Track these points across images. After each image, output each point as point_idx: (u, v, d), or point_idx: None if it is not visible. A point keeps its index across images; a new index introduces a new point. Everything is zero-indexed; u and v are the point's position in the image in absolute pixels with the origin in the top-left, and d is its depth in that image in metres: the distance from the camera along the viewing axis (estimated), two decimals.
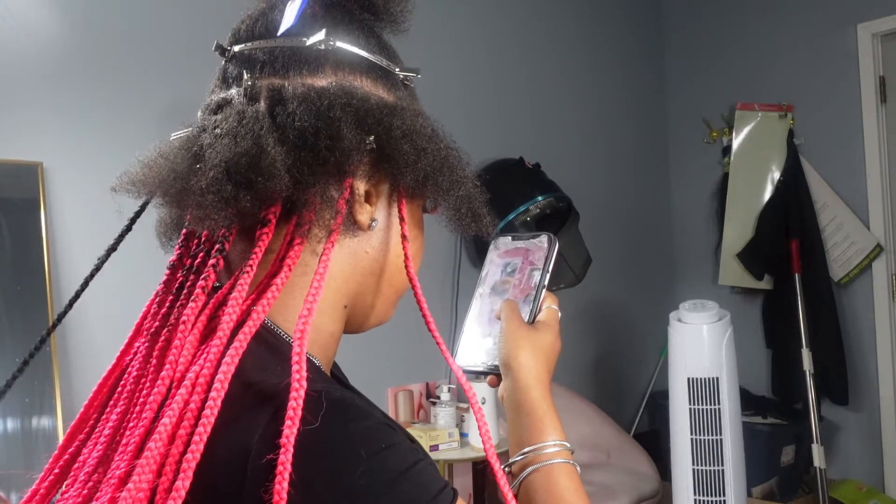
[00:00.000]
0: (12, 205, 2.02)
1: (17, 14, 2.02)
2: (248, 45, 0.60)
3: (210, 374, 0.48)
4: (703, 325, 2.37)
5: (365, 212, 0.59)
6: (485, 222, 0.65)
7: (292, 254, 0.55)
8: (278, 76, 0.58)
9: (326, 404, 0.47)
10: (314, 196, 0.55)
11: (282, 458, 0.44)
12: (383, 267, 0.62)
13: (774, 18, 3.44)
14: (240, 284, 0.53)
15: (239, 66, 0.59)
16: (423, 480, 0.49)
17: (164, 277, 0.60)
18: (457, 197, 0.62)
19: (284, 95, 0.56)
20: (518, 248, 0.79)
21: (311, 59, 0.58)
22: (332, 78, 0.58)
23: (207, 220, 0.53)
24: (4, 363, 1.95)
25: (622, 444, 2.88)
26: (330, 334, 0.61)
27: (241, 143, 0.53)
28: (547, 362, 0.70)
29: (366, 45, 0.61)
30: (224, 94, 0.59)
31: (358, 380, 0.76)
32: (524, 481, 0.65)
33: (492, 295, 0.77)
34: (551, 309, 0.75)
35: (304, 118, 0.54)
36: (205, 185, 0.52)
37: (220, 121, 0.56)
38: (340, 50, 0.59)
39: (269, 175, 0.52)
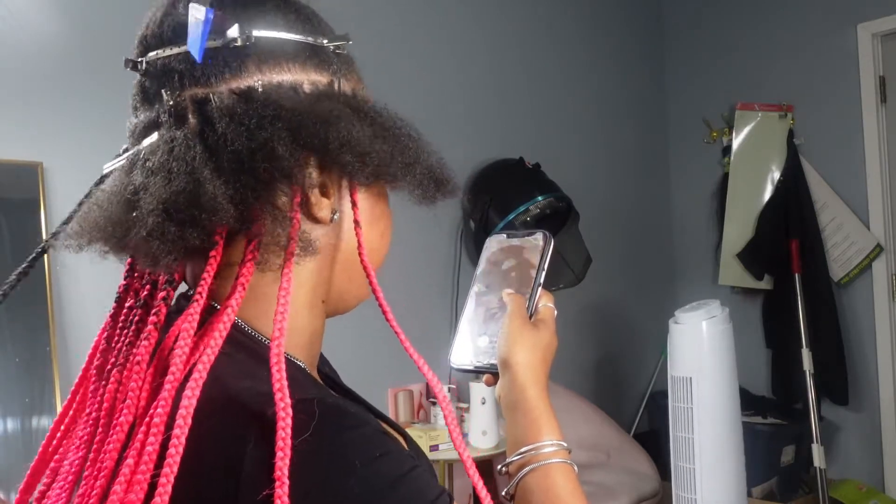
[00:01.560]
0: (12, 205, 2.02)
1: (17, 14, 2.02)
2: (160, 52, 0.55)
3: (166, 412, 0.47)
4: (695, 322, 2.37)
5: (324, 207, 0.57)
6: (449, 186, 0.62)
7: (244, 272, 0.52)
8: (200, 85, 0.53)
9: (319, 413, 0.47)
10: (262, 213, 0.52)
11: (278, 493, 0.43)
12: (349, 253, 0.60)
13: (774, 19, 3.43)
14: (190, 315, 0.51)
15: (156, 81, 0.55)
16: (419, 486, 0.48)
17: (112, 310, 0.58)
18: (415, 175, 0.59)
19: (211, 113, 0.52)
20: (514, 245, 0.78)
21: (230, 58, 0.54)
22: (258, 76, 0.54)
23: (157, 264, 0.51)
24: (4, 363, 1.95)
25: (622, 444, 2.88)
26: (311, 332, 0.60)
27: (175, 181, 0.50)
28: (544, 361, 0.70)
29: (285, 24, 0.56)
30: (147, 113, 0.56)
31: (358, 380, 0.76)
32: (521, 481, 0.64)
33: (487, 294, 0.77)
34: (547, 307, 0.74)
35: (236, 140, 0.51)
36: (146, 232, 0.50)
37: (149, 153, 0.53)
38: (260, 40, 0.54)
39: (213, 210, 0.50)
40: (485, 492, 0.54)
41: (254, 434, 0.46)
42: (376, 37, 2.74)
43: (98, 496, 0.48)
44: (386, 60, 2.72)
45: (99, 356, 0.56)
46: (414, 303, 2.71)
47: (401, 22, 2.84)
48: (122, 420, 0.49)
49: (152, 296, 0.55)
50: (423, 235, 2.81)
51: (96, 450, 0.51)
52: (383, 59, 2.71)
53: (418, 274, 2.77)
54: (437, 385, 0.57)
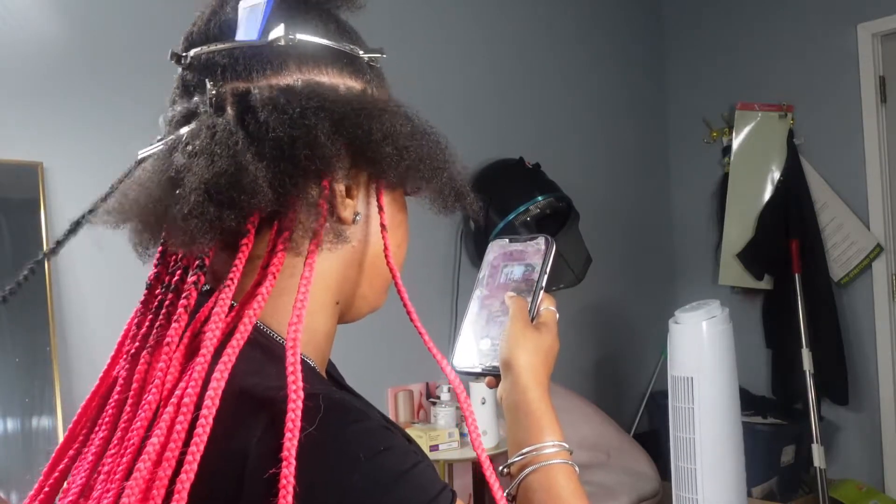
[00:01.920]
0: (12, 205, 2.02)
1: (17, 14, 2.02)
2: (205, 48, 0.57)
3: (196, 392, 0.48)
4: (696, 322, 2.37)
5: (347, 207, 0.58)
6: (468, 200, 0.64)
7: (275, 261, 0.54)
8: (241, 79, 0.56)
9: (324, 407, 0.47)
10: (295, 202, 0.53)
11: (284, 472, 0.44)
12: (371, 257, 0.62)
13: (774, 18, 3.44)
14: (221, 298, 0.52)
15: (198, 73, 0.57)
16: (422, 482, 0.49)
17: (143, 297, 0.59)
18: (439, 182, 0.61)
19: (252, 102, 0.54)
20: (516, 250, 0.79)
21: (272, 57, 0.56)
22: (297, 75, 0.56)
23: (193, 243, 0.52)
24: (4, 363, 1.95)
25: (622, 444, 2.88)
26: (324, 334, 0.61)
27: (218, 163, 0.52)
28: (546, 364, 0.70)
29: (325, 32, 0.59)
30: (187, 104, 0.57)
31: (358, 380, 0.76)
32: (523, 482, 0.64)
33: (490, 297, 0.78)
34: (549, 310, 0.74)
35: (278, 128, 0.52)
36: (187, 210, 0.51)
37: (191, 137, 0.54)
38: (302, 43, 0.57)
39: (253, 192, 0.51)
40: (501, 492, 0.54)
41: (261, 425, 0.47)
42: (376, 37, 2.73)
43: (124, 472, 0.48)
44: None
45: (129, 341, 0.57)
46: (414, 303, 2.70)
47: (400, 22, 2.84)
48: (150, 399, 0.50)
49: (183, 280, 0.56)
50: (424, 235, 2.80)
51: (123, 428, 0.51)
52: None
53: (418, 274, 2.77)
54: (460, 386, 0.58)
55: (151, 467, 0.46)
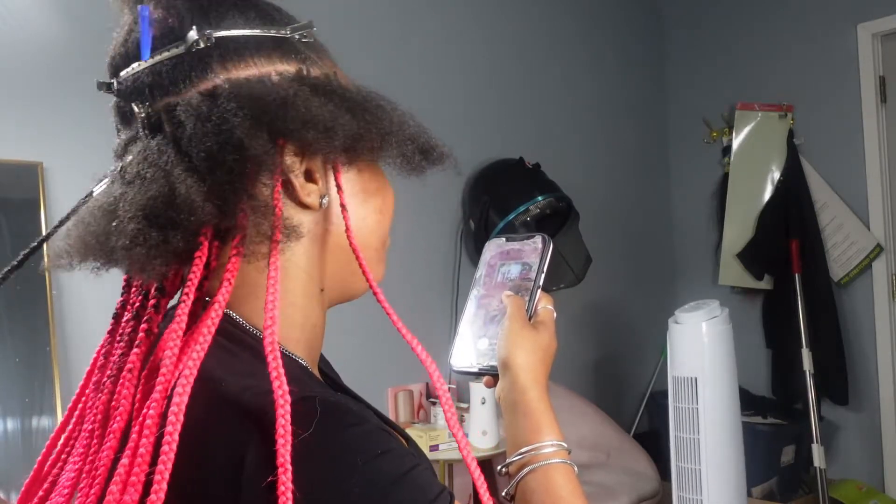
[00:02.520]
0: (12, 205, 2.02)
1: (17, 14, 2.02)
2: (128, 70, 0.56)
3: (158, 413, 0.47)
4: (700, 323, 2.37)
5: (311, 192, 0.57)
6: (436, 153, 0.61)
7: (230, 267, 0.52)
8: (170, 94, 0.54)
9: (321, 410, 0.47)
10: (243, 206, 0.52)
11: (282, 479, 0.43)
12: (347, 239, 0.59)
13: (774, 18, 3.44)
14: (178, 316, 0.51)
15: (129, 98, 0.56)
16: (420, 485, 0.48)
17: (110, 326, 0.58)
18: (395, 145, 0.58)
19: (180, 116, 0.52)
20: (513, 249, 0.79)
21: (194, 62, 0.54)
22: (223, 75, 0.54)
23: (144, 271, 0.51)
24: (4, 363, 1.95)
25: (622, 444, 2.88)
26: (311, 325, 0.60)
27: (150, 186, 0.51)
28: (544, 363, 0.70)
29: (244, 20, 0.56)
30: (129, 131, 0.56)
31: (358, 380, 0.76)
32: (521, 482, 0.64)
33: (487, 296, 0.77)
34: (547, 309, 0.74)
35: (204, 137, 0.51)
36: (128, 240, 0.50)
37: (128, 165, 0.53)
38: (222, 40, 0.54)
39: (190, 210, 0.50)
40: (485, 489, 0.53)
41: (255, 436, 0.46)
42: (376, 37, 2.74)
43: (94, 501, 0.48)
44: (385, 60, 2.72)
45: (97, 372, 0.56)
46: (414, 303, 2.71)
47: (400, 22, 2.84)
48: (115, 427, 0.49)
49: (144, 306, 0.55)
50: (423, 235, 2.81)
51: (91, 460, 0.51)
52: (383, 59, 2.71)
53: (418, 274, 2.77)
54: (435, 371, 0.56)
55: (119, 491, 0.45)
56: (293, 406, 0.47)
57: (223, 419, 0.48)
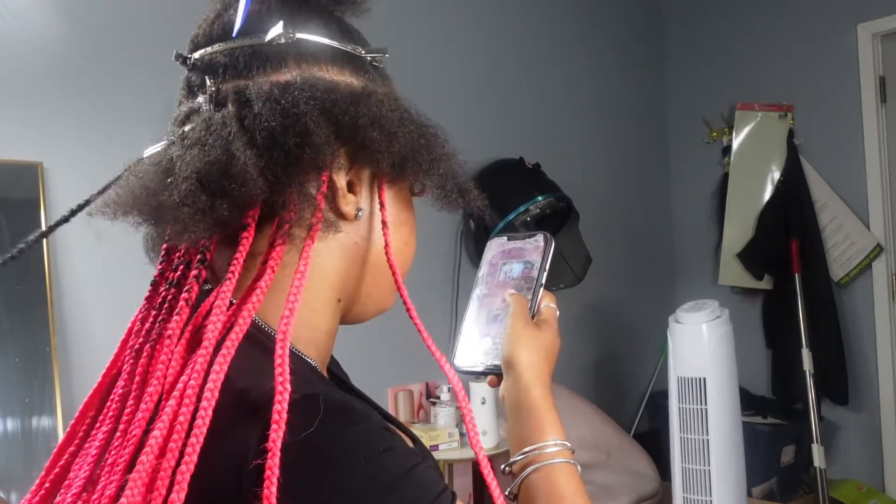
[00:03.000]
0: (12, 205, 2.02)
1: (17, 14, 2.02)
2: (208, 49, 0.58)
3: (198, 384, 0.48)
4: (702, 324, 2.37)
5: (349, 202, 0.59)
6: (472, 196, 0.65)
7: (274, 255, 0.54)
8: (242, 78, 0.57)
9: (324, 408, 0.47)
10: (292, 195, 0.54)
11: (269, 463, 0.43)
12: (375, 255, 0.62)
13: (774, 18, 3.44)
14: (222, 292, 0.52)
15: (201, 74, 0.58)
16: (423, 483, 0.49)
17: (147, 293, 0.59)
18: (439, 175, 0.61)
19: (249, 96, 0.55)
20: (515, 248, 0.79)
21: (272, 55, 0.57)
22: (297, 71, 0.57)
23: (186, 232, 0.52)
24: (5, 363, 1.95)
25: (622, 444, 2.88)
26: (325, 332, 0.61)
27: (210, 152, 0.52)
28: (548, 361, 0.70)
29: (326, 31, 0.60)
30: (191, 104, 0.58)
31: (358, 380, 0.76)
32: (525, 481, 0.64)
33: (489, 296, 0.77)
34: (550, 307, 0.74)
35: (271, 118, 0.53)
36: (178, 198, 0.51)
37: (189, 131, 0.55)
38: (302, 41, 0.58)
39: (243, 181, 0.52)
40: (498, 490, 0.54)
41: (259, 426, 0.46)
42: (376, 36, 2.73)
43: (126, 464, 0.48)
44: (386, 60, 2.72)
45: (133, 337, 0.57)
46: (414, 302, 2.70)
47: (400, 22, 2.83)
48: (151, 391, 0.50)
49: (185, 276, 0.56)
50: (424, 235, 2.80)
51: (126, 421, 0.51)
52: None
53: (418, 274, 2.76)
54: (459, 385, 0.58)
55: (154, 459, 0.46)
56: (297, 403, 0.47)
57: (230, 415, 0.48)
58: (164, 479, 0.45)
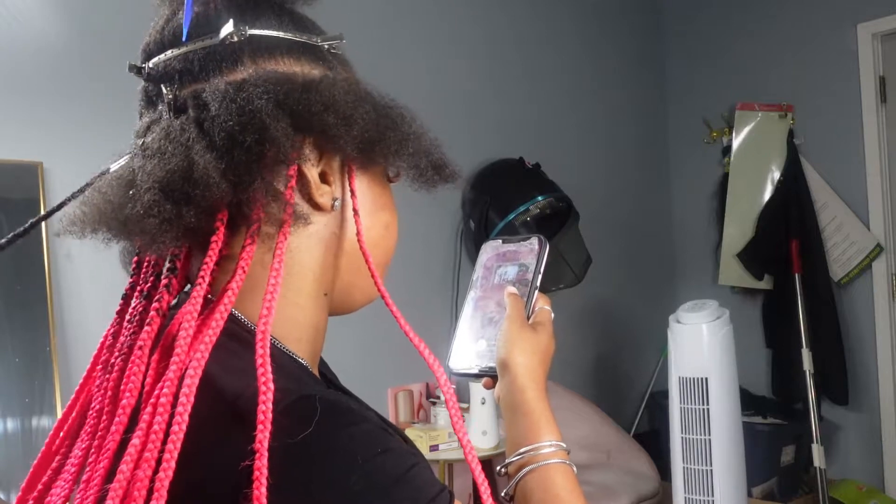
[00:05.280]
0: (12, 205, 2.02)
1: (17, 14, 2.02)
2: (161, 57, 0.58)
3: (172, 392, 0.47)
4: (703, 324, 2.37)
5: (324, 193, 0.58)
6: (448, 170, 0.63)
7: (244, 255, 0.53)
8: (199, 81, 0.56)
9: (321, 409, 0.47)
10: (257, 193, 0.53)
11: (257, 464, 0.43)
12: (355, 245, 0.60)
13: (774, 18, 3.44)
14: (193, 298, 0.51)
15: (157, 82, 0.57)
16: (420, 484, 0.49)
17: (119, 307, 0.58)
18: (409, 155, 0.59)
19: (206, 99, 0.54)
20: (509, 251, 0.79)
21: (226, 54, 0.56)
22: (252, 68, 0.56)
23: (154, 243, 0.52)
24: (4, 363, 1.95)
25: (622, 444, 2.88)
26: (313, 327, 0.60)
27: (170, 160, 0.52)
28: (543, 363, 0.70)
29: (279, 24, 0.59)
30: (151, 114, 0.58)
31: (358, 380, 0.76)
32: (521, 482, 0.64)
33: (484, 298, 0.77)
34: (545, 310, 0.74)
35: (228, 118, 0.52)
36: (142, 210, 0.51)
37: (150, 142, 0.55)
38: (255, 37, 0.57)
39: (206, 185, 0.51)
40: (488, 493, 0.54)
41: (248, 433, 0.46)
42: (376, 37, 2.74)
43: (102, 477, 0.48)
44: (385, 60, 2.72)
45: (105, 352, 0.57)
46: (414, 302, 2.71)
47: (400, 22, 2.84)
48: (125, 403, 0.50)
49: (155, 287, 0.56)
50: (423, 235, 2.81)
51: (100, 436, 0.51)
52: (383, 59, 2.71)
53: (418, 274, 2.77)
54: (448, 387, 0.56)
55: (132, 468, 0.45)
56: (294, 404, 0.47)
57: (219, 416, 0.48)
58: (141, 489, 0.45)
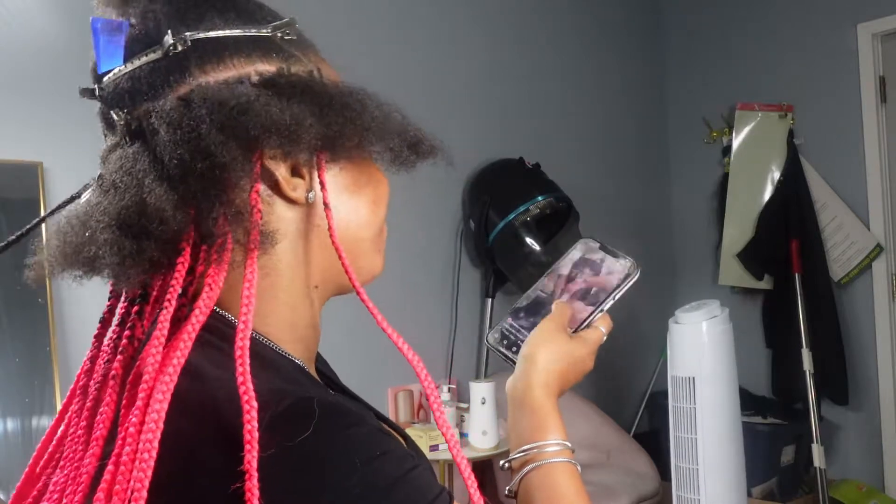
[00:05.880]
0: (12, 205, 2.02)
1: (17, 14, 2.02)
2: (109, 76, 0.55)
3: (140, 420, 0.46)
4: (703, 322, 2.37)
5: (296, 187, 0.56)
6: (425, 146, 0.60)
7: (210, 272, 0.52)
8: (150, 99, 0.53)
9: (319, 411, 0.47)
10: (220, 216, 0.51)
11: (248, 485, 0.43)
12: (342, 233, 0.58)
13: (774, 18, 3.44)
14: (160, 323, 0.50)
15: (110, 105, 0.55)
16: (419, 486, 0.48)
17: (97, 331, 0.58)
18: (378, 139, 0.57)
19: (154, 124, 0.52)
20: (600, 259, 0.77)
21: (172, 66, 0.53)
22: (201, 77, 0.53)
23: (123, 279, 0.51)
24: (4, 363, 1.95)
25: (622, 444, 2.88)
26: (307, 325, 0.60)
27: (123, 195, 0.51)
28: (565, 372, 0.69)
29: (222, 22, 0.55)
30: (113, 137, 0.56)
31: (358, 380, 0.76)
32: (524, 479, 0.64)
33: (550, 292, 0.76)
34: (599, 330, 0.74)
35: (176, 145, 0.50)
36: (101, 250, 0.50)
37: (106, 173, 0.53)
38: (198, 41, 0.53)
39: (161, 219, 0.50)
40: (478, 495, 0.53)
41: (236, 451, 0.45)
42: (376, 37, 2.73)
43: None
44: (385, 60, 2.72)
45: (83, 377, 0.56)
46: (414, 302, 2.71)
47: (400, 22, 2.83)
48: (97, 435, 0.49)
49: (129, 312, 0.55)
50: (424, 235, 2.81)
51: (76, 467, 0.50)
52: (382, 59, 2.71)
53: (418, 274, 2.77)
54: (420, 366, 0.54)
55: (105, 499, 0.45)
56: (291, 406, 0.47)
57: (211, 426, 0.47)
58: None
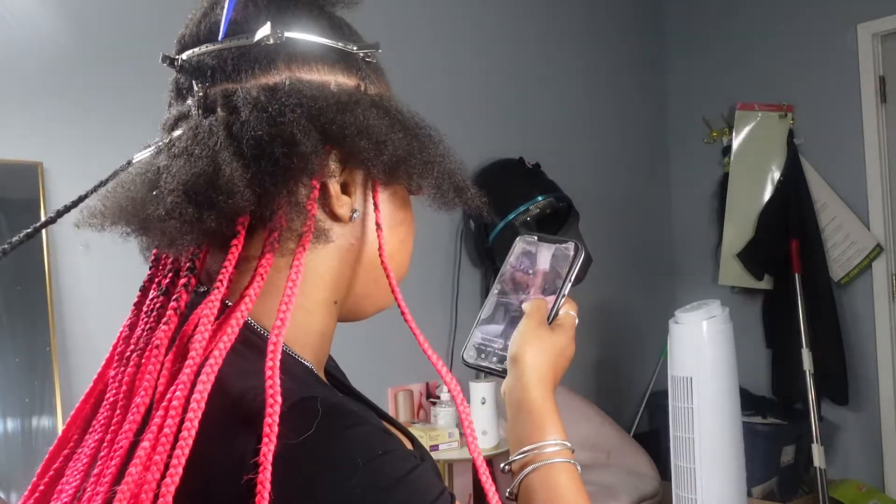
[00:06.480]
0: (12, 205, 2.02)
1: (17, 14, 2.02)
2: (195, 51, 0.57)
3: (184, 396, 0.47)
4: (703, 322, 2.37)
5: (344, 204, 0.58)
6: (469, 195, 0.64)
7: (263, 262, 0.53)
8: (230, 81, 0.55)
9: (322, 411, 0.47)
10: (281, 204, 0.53)
11: (260, 478, 0.43)
12: (371, 255, 0.61)
13: (775, 18, 3.44)
14: (211, 301, 0.51)
15: (189, 76, 0.57)
16: (421, 486, 0.48)
17: (136, 299, 0.58)
18: (434, 176, 0.60)
19: (237, 102, 0.54)
20: (543, 250, 0.78)
21: (260, 56, 0.56)
22: (286, 73, 0.56)
23: (173, 245, 0.52)
24: (4, 363, 1.95)
25: (622, 444, 2.88)
26: (320, 333, 0.60)
27: (196, 163, 0.52)
28: (555, 364, 0.70)
29: (316, 29, 0.58)
30: (180, 107, 0.57)
31: (358, 380, 0.76)
32: (524, 480, 0.64)
33: (508, 295, 0.77)
34: (569, 314, 0.75)
35: (258, 126, 0.52)
36: (164, 211, 0.51)
37: (176, 139, 0.55)
38: (291, 40, 0.56)
39: (230, 193, 0.51)
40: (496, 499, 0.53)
41: (253, 442, 0.46)
42: (376, 37, 2.73)
43: (112, 476, 0.48)
44: (384, 60, 2.72)
45: (122, 343, 0.57)
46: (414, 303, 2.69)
47: (400, 23, 2.83)
48: (139, 402, 0.50)
49: (174, 283, 0.56)
50: (424, 235, 2.80)
51: (113, 431, 0.51)
52: (382, 59, 2.71)
53: (418, 274, 2.76)
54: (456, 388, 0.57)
55: (141, 471, 0.45)
56: (295, 406, 0.47)
57: (226, 419, 0.48)
58: (148, 492, 0.44)
